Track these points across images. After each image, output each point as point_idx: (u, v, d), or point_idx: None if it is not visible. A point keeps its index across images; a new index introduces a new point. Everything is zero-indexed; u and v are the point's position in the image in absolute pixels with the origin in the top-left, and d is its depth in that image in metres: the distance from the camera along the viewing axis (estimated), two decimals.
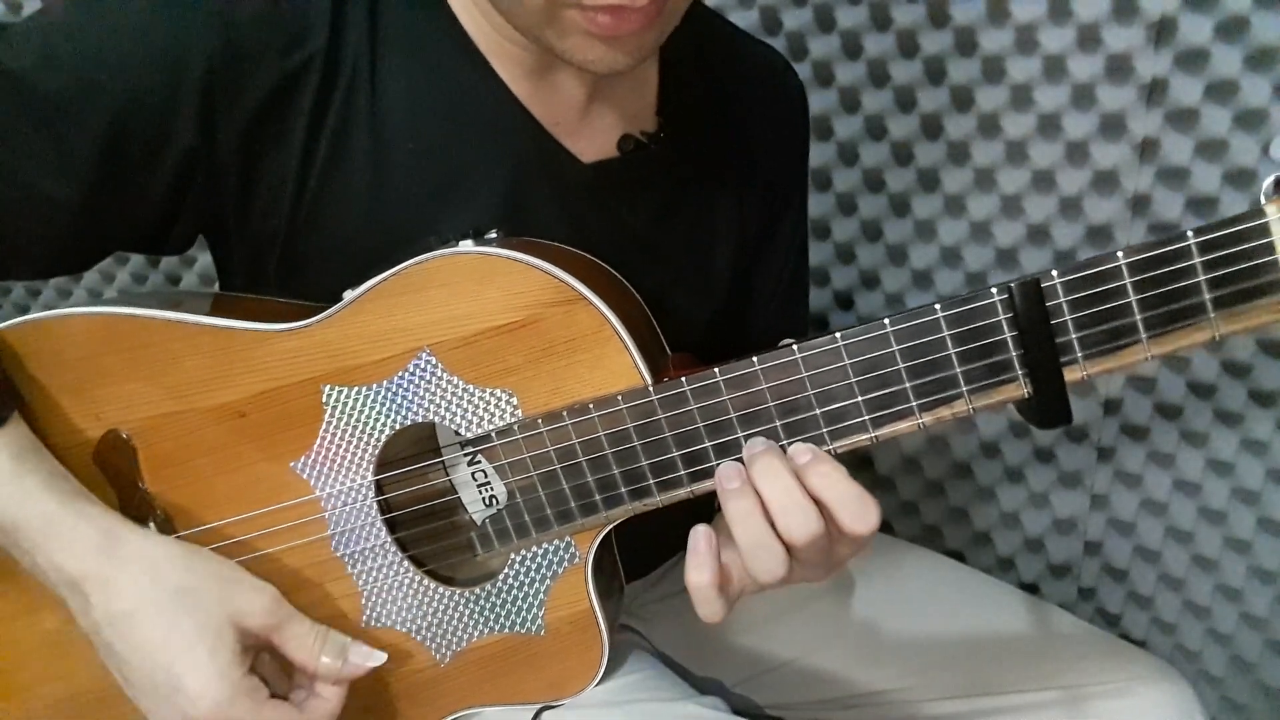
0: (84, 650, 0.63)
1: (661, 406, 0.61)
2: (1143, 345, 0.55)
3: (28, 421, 0.65)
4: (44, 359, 0.65)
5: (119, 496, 0.68)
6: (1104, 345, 0.56)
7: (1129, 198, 0.97)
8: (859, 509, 0.57)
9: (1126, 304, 0.55)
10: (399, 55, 0.68)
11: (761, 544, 0.58)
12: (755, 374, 0.60)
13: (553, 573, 0.68)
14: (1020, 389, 0.57)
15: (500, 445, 0.64)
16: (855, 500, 0.57)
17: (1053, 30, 0.94)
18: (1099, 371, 0.56)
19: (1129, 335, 0.55)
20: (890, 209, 1.14)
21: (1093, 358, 0.56)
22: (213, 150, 0.65)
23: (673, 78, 0.78)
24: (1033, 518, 1.17)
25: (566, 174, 0.73)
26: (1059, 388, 0.56)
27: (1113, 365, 0.56)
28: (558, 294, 0.62)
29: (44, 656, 0.69)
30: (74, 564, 0.61)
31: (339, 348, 0.64)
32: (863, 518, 0.57)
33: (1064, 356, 0.56)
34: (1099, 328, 0.55)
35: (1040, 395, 0.57)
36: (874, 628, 0.90)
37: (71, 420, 0.66)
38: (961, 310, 0.56)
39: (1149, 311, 0.55)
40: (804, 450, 0.59)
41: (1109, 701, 0.81)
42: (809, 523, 0.57)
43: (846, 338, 0.58)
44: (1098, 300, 0.55)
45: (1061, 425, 0.58)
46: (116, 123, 0.63)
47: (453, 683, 0.71)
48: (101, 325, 0.65)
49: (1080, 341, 0.56)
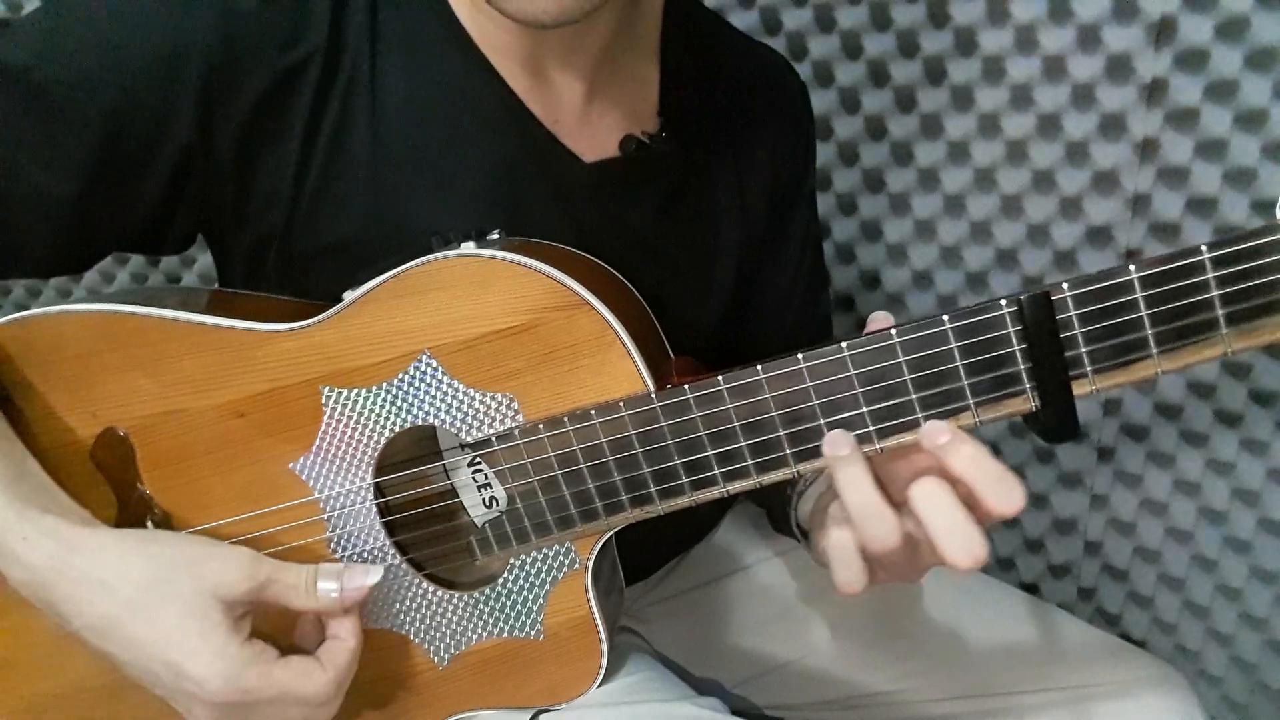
0: (83, 648, 0.61)
1: (664, 414, 0.61)
2: (1153, 360, 0.54)
3: (21, 420, 0.65)
4: (38, 357, 0.65)
5: (117, 495, 0.67)
6: (1114, 360, 0.54)
7: (1129, 198, 0.96)
8: (1003, 489, 0.54)
9: (1138, 318, 0.53)
10: (398, 52, 0.68)
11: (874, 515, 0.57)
12: (759, 382, 0.59)
13: (552, 577, 0.67)
14: (1028, 402, 0.56)
15: (501, 450, 0.64)
16: (999, 480, 0.54)
17: (1053, 30, 0.94)
18: (1109, 386, 0.55)
19: (1140, 350, 0.54)
20: (890, 209, 1.14)
21: (1102, 372, 0.55)
22: (210, 147, 0.65)
23: (674, 78, 0.78)
24: (1033, 518, 1.17)
25: (567, 173, 0.73)
26: (1067, 402, 0.55)
27: (1122, 380, 0.55)
28: (560, 298, 0.61)
29: (48, 651, 0.69)
30: (32, 579, 0.59)
31: (339, 349, 0.64)
32: (1008, 498, 0.54)
33: (1073, 370, 0.55)
34: (1109, 342, 0.54)
35: (1048, 408, 0.56)
36: (874, 629, 0.90)
37: (67, 418, 0.66)
38: (970, 322, 0.55)
39: (1160, 326, 0.53)
40: (942, 430, 0.56)
41: (1109, 702, 0.81)
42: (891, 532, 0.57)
43: (852, 347, 0.57)
44: (1109, 314, 0.54)
45: (1069, 440, 0.57)
46: (114, 118, 0.63)
47: (451, 685, 0.71)
48: (97, 323, 0.65)
49: (1090, 355, 0.55)
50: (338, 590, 0.63)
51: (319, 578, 0.63)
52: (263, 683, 0.59)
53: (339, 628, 0.64)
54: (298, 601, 0.63)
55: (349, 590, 0.63)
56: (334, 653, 0.63)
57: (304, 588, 0.63)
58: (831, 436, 0.58)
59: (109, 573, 0.59)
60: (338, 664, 0.63)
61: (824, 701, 0.90)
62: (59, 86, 0.62)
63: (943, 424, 0.56)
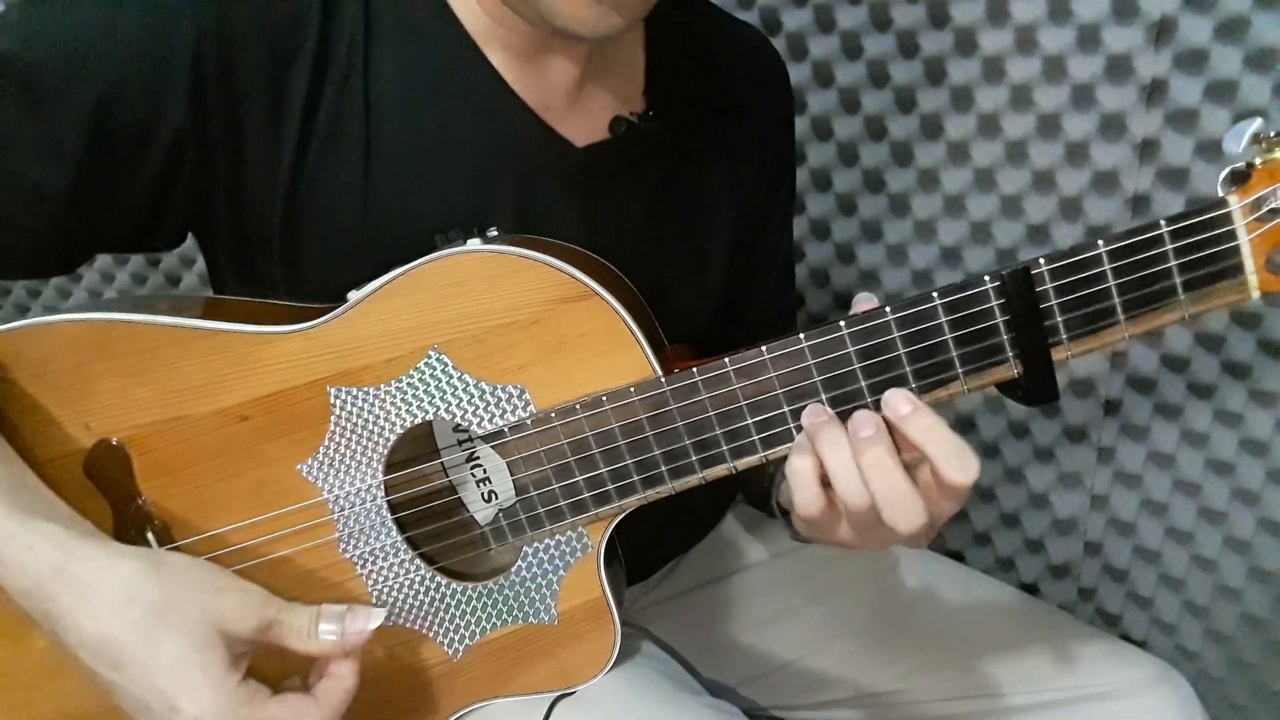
0: (76, 668, 0.58)
1: (674, 397, 0.63)
2: (1121, 326, 0.60)
3: (13, 433, 0.63)
4: (29, 368, 0.63)
5: (112, 508, 0.66)
6: (1087, 327, 0.60)
7: (1129, 198, 0.97)
8: (961, 461, 0.57)
9: (1106, 288, 0.59)
10: (391, 40, 0.68)
11: (859, 493, 0.58)
12: (764, 363, 0.62)
13: (565, 563, 0.68)
14: (1011, 370, 0.61)
15: (513, 440, 0.65)
16: (957, 453, 0.57)
17: (1053, 30, 0.95)
18: (1082, 351, 0.61)
19: (1109, 317, 0.60)
20: (890, 209, 1.14)
21: (1077, 338, 0.60)
22: (204, 131, 0.64)
23: (660, 58, 0.78)
24: (1033, 518, 1.17)
25: (559, 158, 0.73)
26: (1047, 367, 0.61)
27: (1094, 345, 0.61)
28: (568, 290, 0.62)
29: (35, 675, 0.67)
30: (34, 589, 0.57)
31: (346, 348, 0.64)
32: (963, 469, 0.56)
33: (1051, 338, 0.60)
34: (1082, 310, 0.60)
35: (1030, 375, 0.61)
36: (875, 629, 0.90)
37: (60, 430, 0.65)
38: (958, 298, 0.60)
39: (1126, 295, 0.59)
40: (904, 401, 0.59)
41: (1109, 702, 0.81)
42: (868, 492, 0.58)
43: (850, 325, 0.61)
44: (1081, 285, 0.59)
45: (1049, 402, 0.62)
46: (105, 103, 0.61)
47: (465, 677, 0.71)
48: (91, 331, 0.64)
49: (1065, 324, 0.60)
50: (339, 634, 0.62)
51: (321, 620, 0.62)
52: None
53: (339, 666, 0.63)
54: (299, 645, 0.62)
55: (350, 634, 0.62)
56: (330, 691, 0.62)
57: (306, 632, 0.62)
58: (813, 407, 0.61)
59: (116, 591, 0.57)
60: (333, 702, 0.61)
61: (825, 701, 0.90)
62: (47, 72, 0.61)
63: (903, 394, 0.60)
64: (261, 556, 0.67)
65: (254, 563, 0.67)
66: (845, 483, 0.58)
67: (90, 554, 0.58)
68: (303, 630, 0.62)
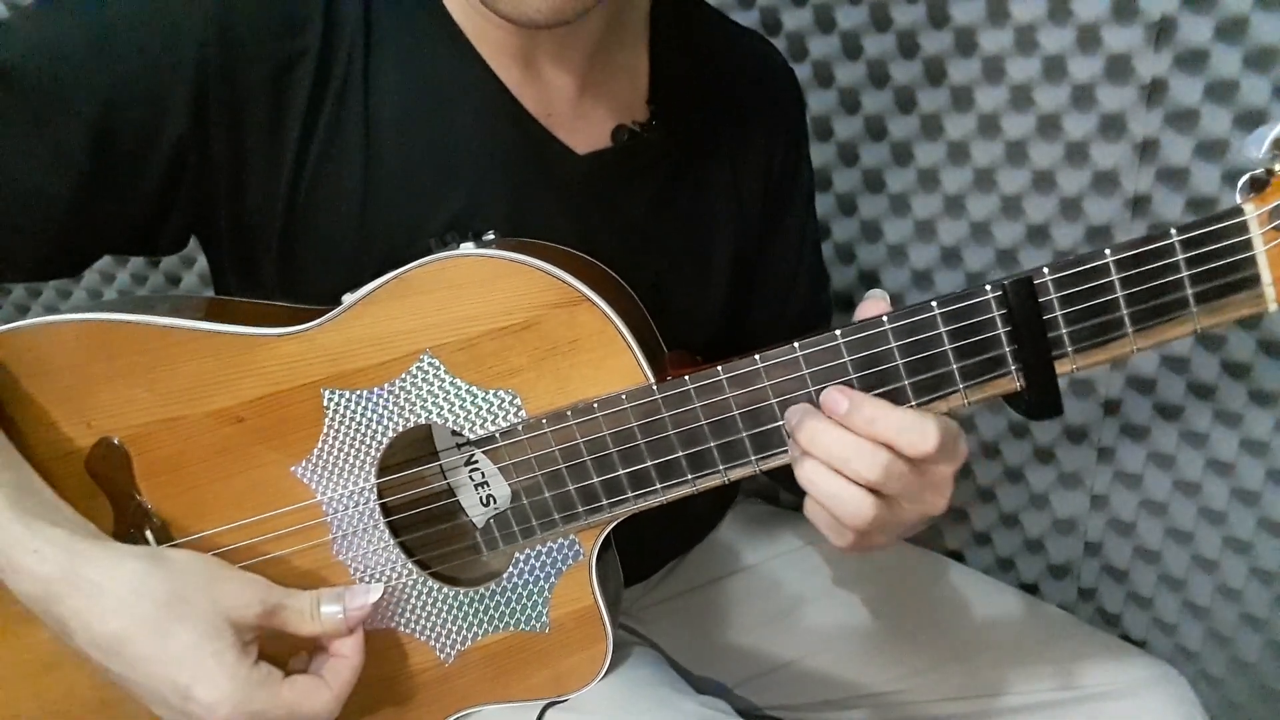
0: (77, 661, 0.60)
1: (665, 405, 0.62)
2: (1129, 338, 0.58)
3: (15, 432, 0.64)
4: (31, 368, 0.64)
5: (114, 506, 0.67)
6: (1093, 339, 0.58)
7: (1129, 198, 0.96)
8: (915, 433, 0.55)
9: (1114, 299, 0.57)
10: (391, 47, 0.68)
11: (836, 495, 0.57)
12: (758, 371, 0.60)
13: (557, 570, 0.68)
14: (1013, 382, 0.59)
15: (504, 446, 0.64)
16: (909, 427, 0.56)
17: (1053, 30, 0.94)
18: (1088, 364, 0.58)
19: (1116, 329, 0.57)
20: (890, 209, 1.14)
21: (1082, 351, 0.58)
22: (205, 139, 0.64)
23: (663, 67, 0.78)
24: (1033, 518, 1.17)
25: (560, 166, 0.73)
26: (1050, 380, 0.58)
27: (1101, 358, 0.58)
28: (561, 295, 0.62)
29: (35, 669, 0.68)
30: (43, 592, 0.58)
31: (340, 351, 0.64)
32: (921, 438, 0.55)
33: (1055, 350, 0.58)
34: (1088, 322, 0.57)
35: (1032, 388, 0.59)
36: (874, 629, 0.90)
37: (61, 429, 0.66)
38: (957, 307, 0.58)
39: (1135, 306, 0.57)
40: (839, 399, 0.58)
41: (1109, 702, 0.81)
42: (876, 461, 0.56)
43: (846, 335, 0.59)
44: (1087, 296, 0.57)
45: (1052, 416, 0.60)
46: (108, 109, 0.62)
47: (457, 682, 0.71)
48: (91, 332, 0.64)
49: (1070, 336, 0.58)
50: (342, 611, 0.64)
51: (322, 602, 0.64)
52: (271, 704, 0.60)
53: (343, 645, 0.65)
54: (304, 628, 0.64)
55: (352, 610, 0.64)
56: (338, 670, 0.64)
57: (308, 613, 0.64)
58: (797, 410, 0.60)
59: (124, 589, 0.59)
60: (342, 680, 0.63)
61: (824, 701, 0.90)
62: (50, 81, 0.61)
63: (837, 392, 0.58)
64: (256, 557, 0.67)
65: (249, 564, 0.67)
66: (857, 464, 0.56)
67: (96, 555, 0.59)
68: (305, 612, 0.64)
